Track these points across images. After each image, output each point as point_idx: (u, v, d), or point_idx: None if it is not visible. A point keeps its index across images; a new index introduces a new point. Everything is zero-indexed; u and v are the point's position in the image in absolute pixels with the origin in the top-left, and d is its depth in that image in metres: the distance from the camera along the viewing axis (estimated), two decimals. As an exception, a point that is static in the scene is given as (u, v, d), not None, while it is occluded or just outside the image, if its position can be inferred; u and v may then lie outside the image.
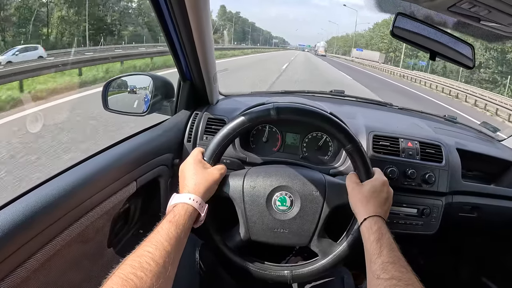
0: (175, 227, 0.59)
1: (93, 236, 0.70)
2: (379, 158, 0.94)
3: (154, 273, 0.51)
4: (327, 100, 1.34)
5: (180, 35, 0.83)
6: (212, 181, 0.69)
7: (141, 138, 0.89)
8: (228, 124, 0.74)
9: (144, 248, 0.54)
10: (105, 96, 1.01)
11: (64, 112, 4.94)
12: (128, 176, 0.78)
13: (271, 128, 1.00)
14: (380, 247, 0.61)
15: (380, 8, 0.78)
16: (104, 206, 0.71)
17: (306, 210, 0.73)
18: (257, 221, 0.73)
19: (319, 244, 0.74)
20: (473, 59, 0.82)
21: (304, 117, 0.73)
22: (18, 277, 0.52)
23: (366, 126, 1.00)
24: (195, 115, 1.02)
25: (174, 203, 0.65)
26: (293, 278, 0.74)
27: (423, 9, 0.76)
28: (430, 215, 0.96)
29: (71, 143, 3.67)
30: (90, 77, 8.10)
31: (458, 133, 1.19)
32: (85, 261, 0.70)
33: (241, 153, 0.95)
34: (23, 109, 5.00)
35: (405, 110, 1.36)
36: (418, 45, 0.78)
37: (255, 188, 0.73)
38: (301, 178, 0.75)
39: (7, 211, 0.53)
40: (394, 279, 0.55)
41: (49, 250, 0.57)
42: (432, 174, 0.94)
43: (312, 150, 0.99)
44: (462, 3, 0.63)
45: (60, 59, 11.17)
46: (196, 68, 0.94)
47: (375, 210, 0.67)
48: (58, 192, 0.60)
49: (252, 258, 0.76)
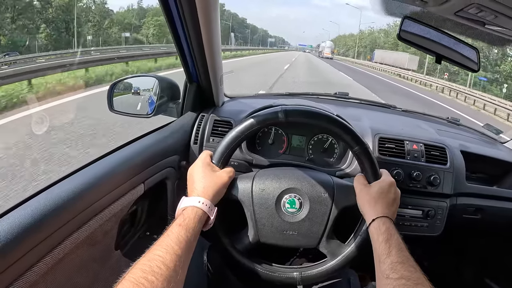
0: (185, 230, 0.59)
1: (101, 238, 0.70)
2: (385, 160, 0.95)
3: (165, 277, 0.51)
4: (332, 102, 1.35)
5: (189, 37, 0.84)
6: (221, 184, 0.70)
7: (148, 140, 0.89)
8: (236, 127, 0.74)
9: (154, 252, 0.54)
10: (111, 98, 1.01)
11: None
12: (136, 178, 0.78)
13: (277, 130, 1.00)
14: (389, 247, 0.61)
15: (387, 11, 0.78)
16: (112, 208, 0.71)
17: (315, 212, 0.73)
18: (266, 223, 0.73)
19: (327, 246, 0.74)
20: (478, 62, 0.83)
21: (312, 120, 0.74)
22: (27, 281, 0.52)
23: (371, 128, 1.00)
24: (201, 117, 1.02)
25: (183, 207, 0.65)
26: (302, 280, 0.74)
27: (429, 12, 0.76)
28: (435, 216, 0.96)
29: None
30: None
31: (461, 135, 1.20)
32: (93, 264, 0.70)
33: (248, 155, 0.95)
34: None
35: (409, 112, 1.36)
36: (425, 48, 0.78)
37: (264, 190, 0.74)
38: (309, 180, 0.75)
39: (16, 214, 0.53)
40: (403, 279, 0.55)
41: (58, 253, 0.57)
42: (437, 176, 0.94)
43: (318, 152, 1.00)
44: (469, 8, 0.64)
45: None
46: (204, 69, 0.94)
47: (383, 211, 0.68)
48: (67, 195, 0.60)
49: (260, 260, 0.76)
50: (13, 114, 4.95)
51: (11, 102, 5.42)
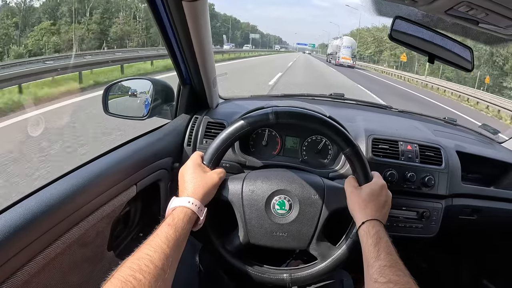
0: (174, 230, 0.59)
1: (93, 239, 0.70)
2: (378, 161, 0.94)
3: (153, 275, 0.51)
4: (327, 103, 1.34)
5: (179, 40, 0.84)
6: (211, 185, 0.70)
7: (141, 142, 0.89)
8: (227, 128, 0.74)
9: (143, 250, 0.55)
10: (106, 100, 1.02)
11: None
12: (128, 180, 0.78)
13: (270, 132, 1.00)
14: (377, 251, 0.61)
15: (378, 11, 0.78)
16: (104, 209, 0.71)
17: (305, 213, 0.73)
18: (256, 224, 0.73)
19: (317, 248, 0.74)
20: (472, 62, 0.83)
21: (302, 121, 0.73)
22: (19, 280, 0.52)
23: (365, 129, 1.00)
24: (195, 119, 1.02)
25: (173, 207, 0.65)
26: (291, 282, 0.74)
27: (421, 12, 0.76)
28: (430, 218, 0.95)
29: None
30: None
31: (458, 136, 1.19)
32: (85, 265, 0.70)
33: (241, 156, 0.95)
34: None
35: (405, 113, 1.36)
36: (417, 48, 0.78)
37: (254, 192, 0.74)
38: (300, 181, 0.75)
39: (7, 215, 0.53)
40: (391, 283, 0.55)
41: (50, 254, 0.58)
42: (431, 177, 0.94)
43: (312, 153, 1.00)
44: (459, 6, 0.63)
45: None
46: (196, 72, 0.94)
47: (373, 214, 0.68)
48: (59, 196, 0.60)
49: (251, 262, 0.76)
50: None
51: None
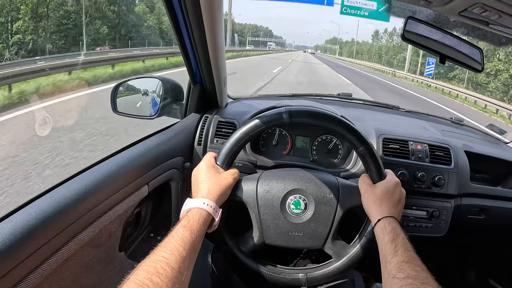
0: (189, 232, 0.59)
1: (105, 240, 0.70)
2: (389, 161, 0.95)
3: (170, 278, 0.51)
4: (335, 103, 1.35)
5: (193, 37, 0.84)
6: (226, 186, 0.70)
7: (152, 141, 0.88)
8: (240, 128, 0.74)
9: (159, 253, 0.54)
10: (114, 99, 1.01)
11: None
12: (140, 180, 0.78)
13: (280, 131, 1.00)
14: (395, 247, 0.61)
15: (391, 12, 0.78)
16: (116, 210, 0.70)
17: (320, 212, 0.73)
18: (271, 224, 0.73)
19: (333, 247, 0.74)
20: (482, 62, 0.83)
21: (316, 120, 0.73)
22: (31, 282, 0.52)
23: (375, 129, 1.00)
24: (205, 118, 1.02)
25: (188, 208, 0.65)
26: (308, 281, 0.74)
27: (433, 13, 0.76)
28: (439, 217, 0.96)
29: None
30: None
31: (465, 136, 1.20)
32: (97, 266, 0.70)
33: (252, 156, 0.95)
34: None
35: (412, 113, 1.36)
36: (429, 48, 0.78)
37: (269, 192, 0.74)
38: (314, 181, 0.75)
39: (19, 216, 0.52)
40: (410, 278, 0.55)
41: (62, 255, 0.57)
42: (441, 176, 0.94)
43: (322, 153, 1.00)
44: (474, 8, 0.64)
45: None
46: (207, 70, 0.94)
47: (388, 211, 0.68)
48: (71, 197, 0.59)
49: (265, 262, 0.76)
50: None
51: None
